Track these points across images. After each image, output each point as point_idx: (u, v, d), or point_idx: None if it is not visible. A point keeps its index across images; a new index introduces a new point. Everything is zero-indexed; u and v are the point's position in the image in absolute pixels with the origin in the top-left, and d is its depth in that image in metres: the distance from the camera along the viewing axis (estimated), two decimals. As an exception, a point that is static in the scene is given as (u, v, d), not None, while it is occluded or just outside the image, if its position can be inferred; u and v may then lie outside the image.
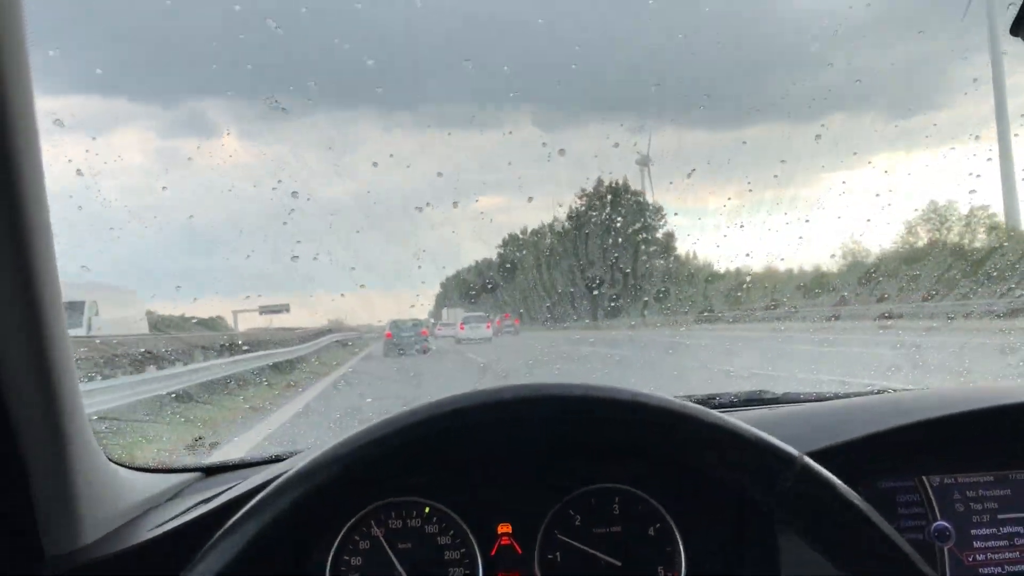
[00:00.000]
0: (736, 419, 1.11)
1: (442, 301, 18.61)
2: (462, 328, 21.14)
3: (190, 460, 1.98)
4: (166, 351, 9.59)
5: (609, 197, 10.88)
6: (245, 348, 10.36)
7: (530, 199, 4.48)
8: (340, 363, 14.70)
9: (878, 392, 2.04)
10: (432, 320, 21.02)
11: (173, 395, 7.08)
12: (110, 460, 1.54)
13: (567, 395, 1.07)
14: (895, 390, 2.05)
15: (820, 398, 2.00)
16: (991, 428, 1.63)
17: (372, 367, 15.25)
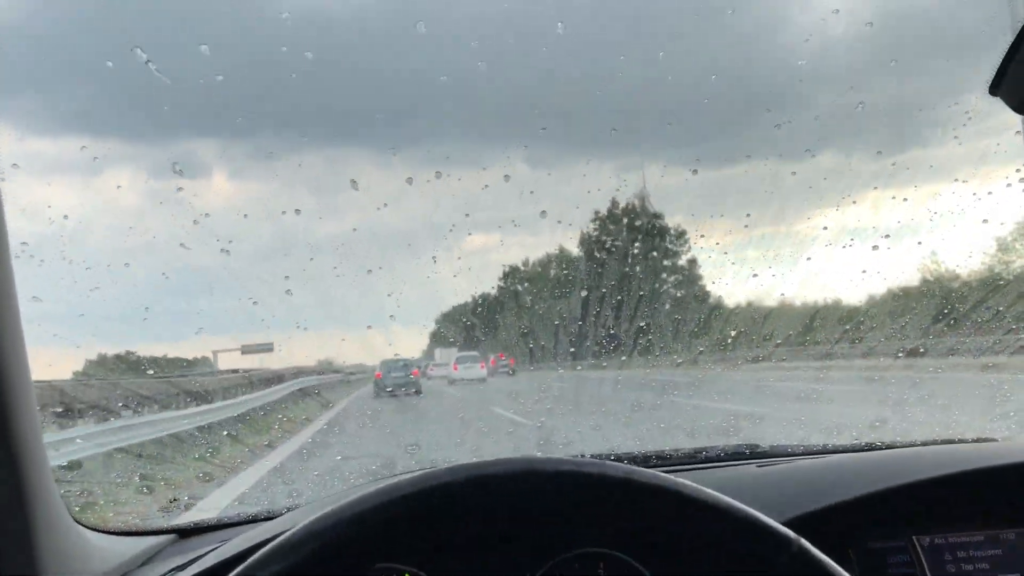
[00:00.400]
0: (730, 499, 1.08)
1: (437, 339, 18.48)
2: (455, 368, 21.10)
3: (163, 521, 1.89)
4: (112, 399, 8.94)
5: (626, 220, 9.94)
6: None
7: (543, 213, 4.31)
8: (276, 441, 10.08)
9: (866, 447, 2.04)
10: (425, 360, 21.09)
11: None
12: (78, 523, 1.46)
13: (553, 471, 1.03)
14: (883, 444, 2.04)
15: (808, 451, 2.00)
16: (982, 488, 1.63)
17: (349, 429, 12.07)
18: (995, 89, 1.15)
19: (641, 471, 1.05)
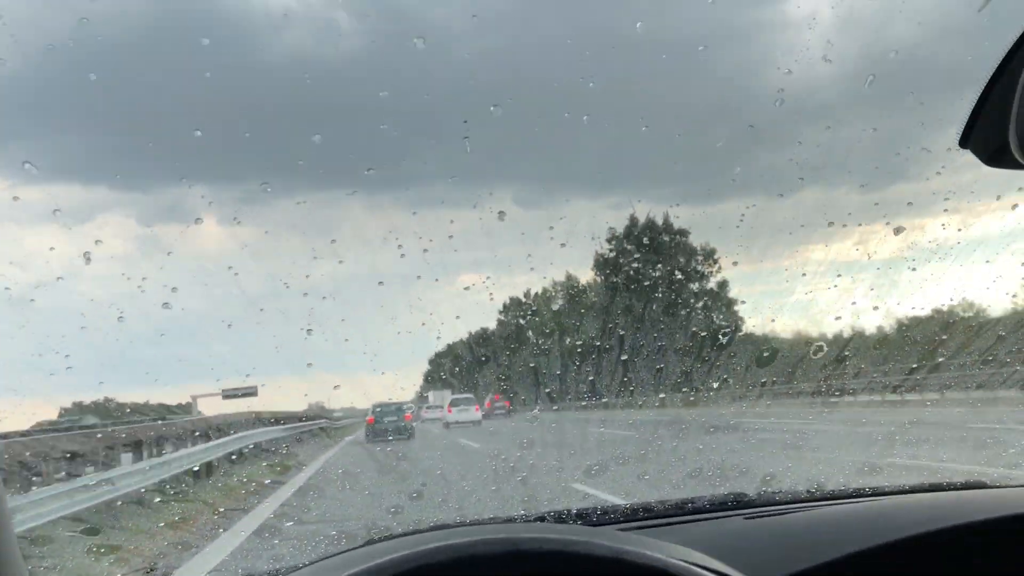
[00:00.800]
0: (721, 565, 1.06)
1: (430, 381, 18.35)
2: (450, 411, 20.87)
3: None
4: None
5: (646, 239, 8.91)
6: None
7: (552, 225, 4.15)
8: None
9: (853, 494, 1.99)
10: (418, 403, 20.87)
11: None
12: None
13: (539, 551, 1.02)
14: (870, 490, 1.99)
15: (795, 500, 1.96)
16: (976, 541, 1.60)
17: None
18: (965, 142, 1.13)
19: (630, 551, 1.02)
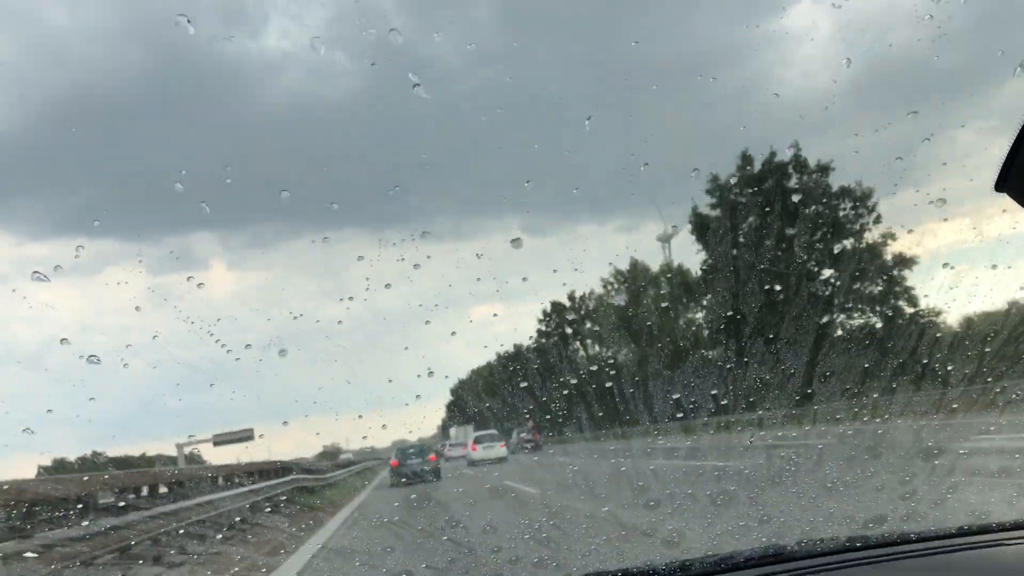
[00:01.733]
0: None
1: (452, 416, 17.40)
2: (474, 448, 19.84)
3: None
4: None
5: (771, 181, 5.96)
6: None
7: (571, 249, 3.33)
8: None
9: (898, 540, 1.89)
10: (440, 441, 19.89)
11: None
12: None
13: None
14: (915, 536, 1.88)
15: (835, 550, 1.87)
16: None
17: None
18: (1001, 185, 1.13)
19: None
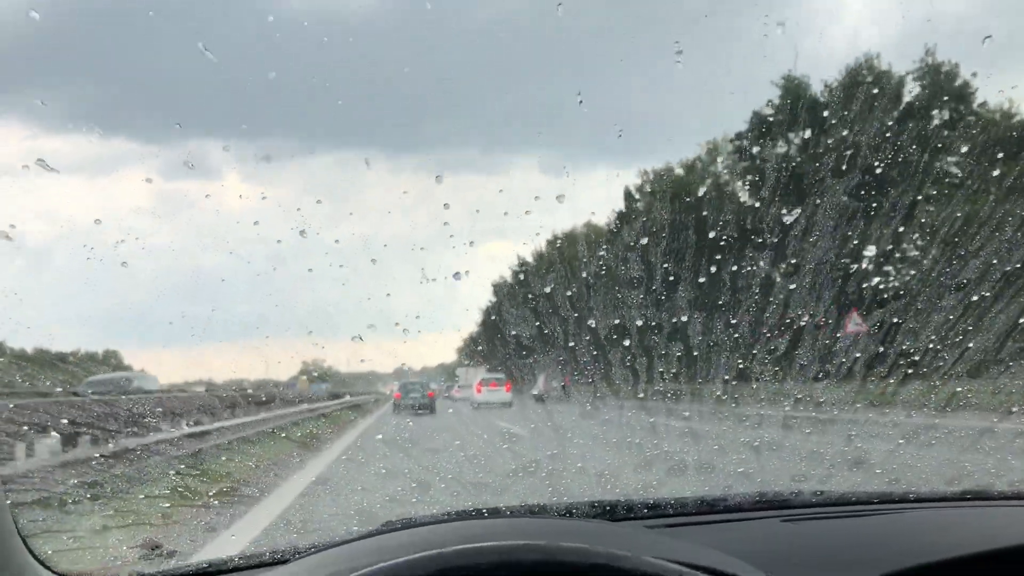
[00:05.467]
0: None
1: (466, 354, 16.80)
2: (479, 390, 19.50)
3: (140, 566, 1.89)
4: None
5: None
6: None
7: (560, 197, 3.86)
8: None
9: (898, 500, 1.87)
10: (447, 381, 19.77)
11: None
12: (46, 568, 1.44)
13: (587, 563, 0.97)
14: (914, 496, 1.86)
15: (827, 502, 1.87)
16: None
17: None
18: None
19: (682, 570, 1.03)
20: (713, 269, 4.37)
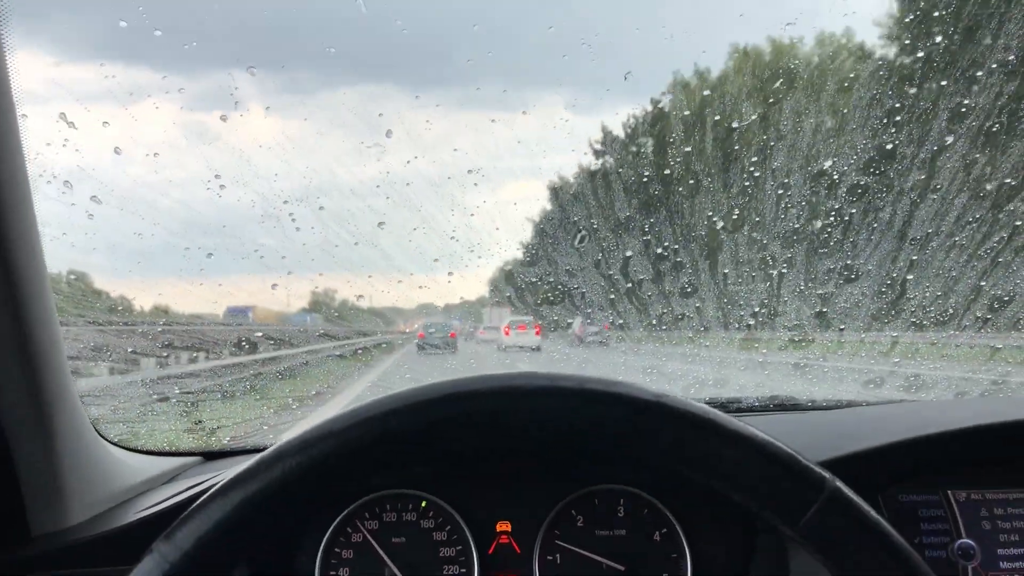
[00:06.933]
0: (764, 433, 0.99)
1: (496, 292, 16.53)
2: (507, 333, 19.00)
3: (192, 443, 2.00)
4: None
5: None
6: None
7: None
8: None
9: (903, 402, 1.98)
10: (473, 323, 19.60)
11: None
12: (105, 439, 1.55)
13: (578, 388, 0.95)
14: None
15: (843, 405, 1.95)
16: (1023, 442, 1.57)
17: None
18: None
19: (673, 397, 0.98)
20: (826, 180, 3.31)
